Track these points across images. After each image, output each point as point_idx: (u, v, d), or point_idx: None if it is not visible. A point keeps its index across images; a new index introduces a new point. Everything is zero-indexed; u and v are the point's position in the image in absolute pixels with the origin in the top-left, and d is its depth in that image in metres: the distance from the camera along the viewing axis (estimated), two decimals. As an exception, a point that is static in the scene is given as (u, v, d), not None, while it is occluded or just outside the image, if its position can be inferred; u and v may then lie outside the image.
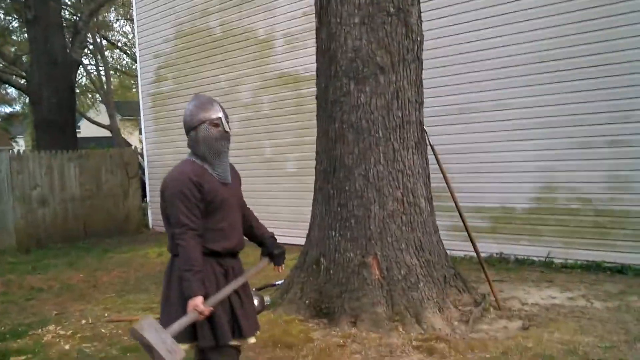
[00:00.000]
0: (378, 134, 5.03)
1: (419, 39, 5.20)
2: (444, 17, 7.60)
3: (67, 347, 5.07)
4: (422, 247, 5.11)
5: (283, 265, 3.47)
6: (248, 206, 3.40)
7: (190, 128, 3.08)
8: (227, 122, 3.12)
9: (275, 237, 3.46)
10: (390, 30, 5.00)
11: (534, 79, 6.99)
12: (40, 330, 5.61)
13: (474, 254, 7.28)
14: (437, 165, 5.60)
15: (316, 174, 5.52)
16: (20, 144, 35.63)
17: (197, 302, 2.85)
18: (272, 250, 3.38)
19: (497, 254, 7.30)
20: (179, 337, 2.92)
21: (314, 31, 5.58)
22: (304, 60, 9.31)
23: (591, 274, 6.44)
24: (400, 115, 5.08)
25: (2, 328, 5.72)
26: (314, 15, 8.98)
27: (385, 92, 5.02)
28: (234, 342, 3.10)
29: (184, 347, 2.98)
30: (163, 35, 12.12)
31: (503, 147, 7.28)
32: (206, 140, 3.05)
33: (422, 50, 5.29)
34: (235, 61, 10.54)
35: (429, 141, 5.47)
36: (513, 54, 7.14)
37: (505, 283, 6.23)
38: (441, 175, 5.65)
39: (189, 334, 2.96)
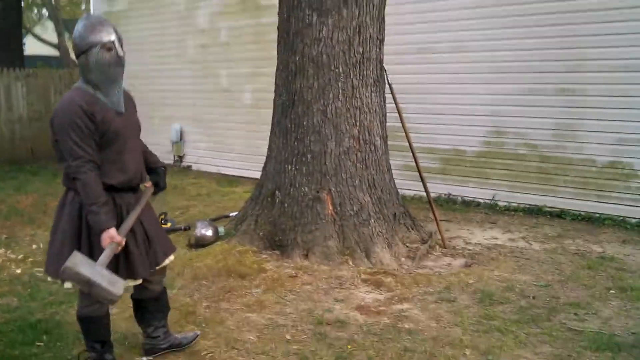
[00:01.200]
0: (338, 69, 5.03)
1: (383, -26, 5.15)
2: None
3: (18, 270, 5.07)
4: (375, 184, 5.23)
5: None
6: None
7: (80, 52, 2.81)
8: (122, 45, 2.88)
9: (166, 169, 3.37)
10: (355, -36, 4.93)
11: (490, 22, 7.01)
12: (-13, 254, 5.56)
13: (423, 193, 7.46)
14: (393, 105, 5.66)
15: (274, 107, 5.51)
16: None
17: (112, 233, 2.79)
18: (159, 181, 3.27)
19: (445, 194, 7.53)
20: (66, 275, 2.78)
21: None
22: (265, -13, 9.09)
23: (532, 218, 6.73)
24: (361, 51, 5.07)
25: (-53, 250, 5.64)
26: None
27: (347, 27, 4.99)
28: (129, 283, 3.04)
29: (69, 284, 2.87)
30: (117, -49, 11.55)
31: (457, 89, 7.37)
32: (98, 66, 2.81)
33: (386, -14, 5.24)
34: (195, -16, 10.18)
35: (388, 80, 5.51)
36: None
37: (452, 223, 6.47)
38: (396, 114, 5.74)
39: None
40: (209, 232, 5.45)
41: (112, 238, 2.80)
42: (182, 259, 5.07)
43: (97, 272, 2.71)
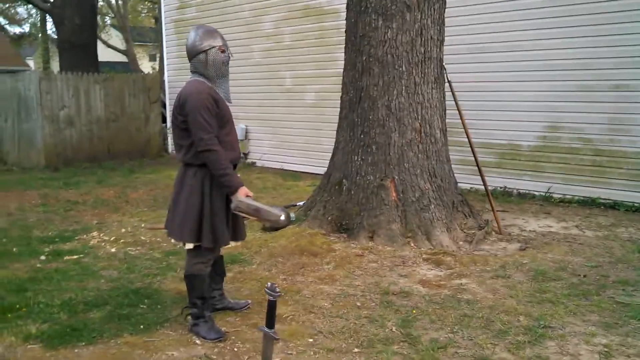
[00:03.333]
0: (402, 68, 5.48)
1: (444, -21, 5.58)
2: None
3: (113, 250, 5.70)
4: (435, 173, 5.65)
5: None
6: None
7: (200, 51, 3.51)
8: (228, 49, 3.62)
9: None
10: (417, -29, 5.38)
11: (546, 22, 7.34)
12: (85, 236, 6.22)
13: (479, 186, 7.84)
14: (452, 101, 6.07)
15: (342, 104, 5.99)
16: (30, 65, 35.71)
17: (246, 189, 3.47)
18: None
19: (501, 187, 7.85)
20: (187, 237, 3.53)
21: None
22: (328, -7, 9.62)
23: (586, 209, 7.00)
24: (422, 51, 5.51)
25: (50, 233, 6.34)
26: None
27: (410, 29, 5.44)
28: (230, 244, 3.75)
29: (190, 245, 3.57)
30: (188, -38, 12.31)
31: (513, 86, 7.70)
32: (215, 63, 3.51)
33: (446, -10, 5.66)
34: (260, -9, 10.80)
35: (447, 77, 5.92)
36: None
37: (507, 213, 6.80)
38: (454, 111, 6.14)
39: (195, 235, 3.52)
40: (282, 217, 5.95)
41: (247, 193, 3.47)
42: (257, 240, 5.63)
43: (259, 204, 3.49)
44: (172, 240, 3.81)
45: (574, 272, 4.69)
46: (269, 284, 2.87)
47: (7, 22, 33.32)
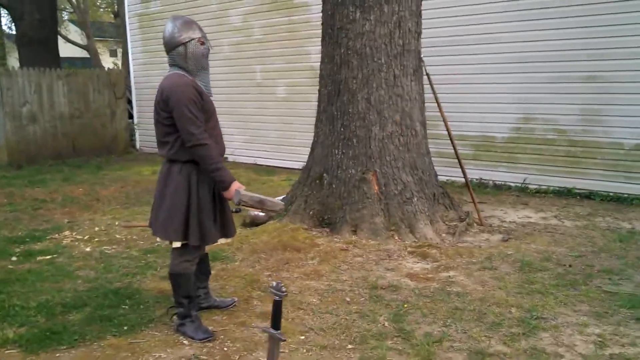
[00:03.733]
0: (380, 61, 5.41)
1: (421, -30, 5.53)
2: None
3: (87, 249, 5.50)
4: (416, 166, 5.61)
5: None
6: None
7: (179, 44, 3.36)
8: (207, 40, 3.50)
9: None
10: (395, -39, 5.31)
11: (518, 14, 7.37)
12: (57, 235, 6.01)
13: (456, 178, 7.90)
14: (430, 94, 6.04)
15: (320, 97, 5.89)
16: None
17: (238, 184, 3.36)
18: None
19: (476, 179, 7.88)
20: (174, 235, 3.41)
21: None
22: (298, -14, 9.49)
23: (562, 199, 7.07)
24: (401, 43, 5.45)
25: (19, 233, 6.09)
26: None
27: (388, 21, 5.37)
28: (220, 242, 3.66)
29: (177, 244, 3.45)
30: (152, -46, 12.02)
31: (486, 79, 7.72)
32: (195, 56, 3.37)
33: (424, -18, 5.62)
34: (228, -16, 10.61)
35: (425, 70, 5.88)
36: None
37: (485, 204, 6.82)
38: (431, 103, 6.11)
39: (182, 233, 3.40)
40: (262, 212, 5.84)
41: (240, 187, 3.35)
42: (238, 236, 5.44)
43: (255, 195, 3.40)
44: (158, 239, 3.67)
45: (559, 262, 4.71)
46: (274, 283, 2.76)
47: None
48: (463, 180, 7.77)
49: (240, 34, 10.54)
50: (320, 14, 5.86)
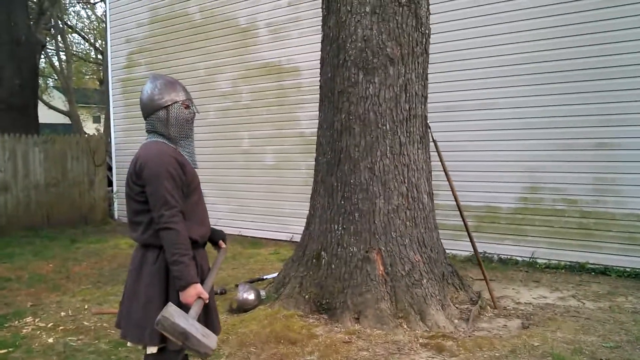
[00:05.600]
0: (385, 127, 4.93)
1: (427, 31, 5.13)
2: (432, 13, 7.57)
3: (50, 340, 4.79)
4: (425, 243, 5.04)
5: None
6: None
7: (160, 107, 2.87)
8: (193, 104, 3.01)
9: None
10: (401, 22, 4.90)
11: (520, 79, 7.03)
12: (17, 322, 5.31)
13: (458, 252, 7.35)
14: (437, 161, 5.55)
15: (317, 166, 5.37)
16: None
17: (200, 288, 2.69)
18: (223, 237, 3.24)
19: (480, 252, 7.28)
20: (149, 338, 2.76)
21: (299, 22, 5.45)
22: (288, 51, 9.17)
23: (575, 275, 6.52)
24: (407, 108, 4.99)
25: (-26, 319, 5.39)
26: (299, 4, 8.91)
27: (394, 84, 4.93)
28: None
29: (154, 349, 2.82)
30: (137, 19, 11.74)
31: (489, 146, 7.30)
32: (178, 121, 2.88)
33: (430, 43, 5.21)
34: (215, 49, 10.27)
35: (432, 136, 5.41)
36: (498, 54, 7.18)
37: (494, 282, 6.24)
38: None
39: (159, 336, 2.71)
40: (251, 296, 5.21)
41: (201, 294, 2.69)
42: (224, 324, 4.82)
43: (192, 324, 2.55)
44: (129, 344, 3.01)
45: (594, 356, 4.09)
46: None
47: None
48: (465, 254, 7.29)
49: (228, 99, 10.13)
50: (312, 78, 5.42)
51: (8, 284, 6.84)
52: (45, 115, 29.21)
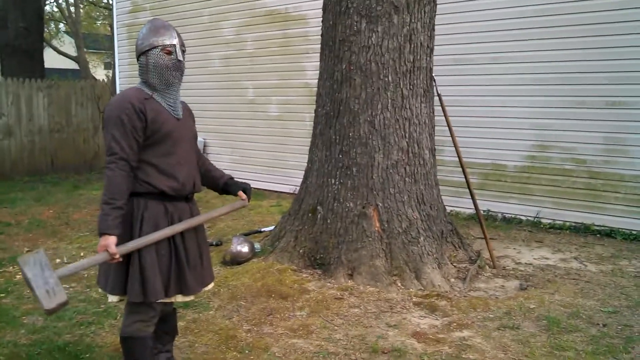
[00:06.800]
0: (387, 79, 4.72)
1: (434, -22, 4.87)
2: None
3: (42, 286, 4.76)
4: (424, 200, 4.91)
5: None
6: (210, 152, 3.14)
7: (140, 52, 2.80)
8: (183, 51, 2.85)
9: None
10: (406, -33, 4.64)
11: (532, 33, 6.71)
12: (11, 268, 5.30)
13: (460, 209, 7.23)
14: (441, 116, 5.36)
15: (316, 118, 5.20)
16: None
17: (110, 242, 2.54)
18: (245, 187, 3.18)
19: (484, 211, 7.16)
20: (110, 287, 2.71)
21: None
22: (295, -2, 8.86)
23: (580, 236, 6.37)
24: (411, 59, 4.77)
25: (-30, 263, 5.37)
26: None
27: (398, 34, 4.70)
28: (169, 299, 2.82)
29: (114, 298, 2.79)
30: (142, -38, 11.39)
31: (497, 101, 7.05)
32: (157, 68, 2.76)
33: (437, -9, 4.95)
34: (220, -5, 9.96)
35: (437, 90, 5.20)
36: (509, 5, 6.85)
37: (496, 241, 6.12)
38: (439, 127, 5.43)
39: (121, 285, 2.69)
40: (245, 249, 5.14)
41: (107, 247, 2.54)
42: (217, 276, 4.75)
43: (43, 277, 2.43)
44: (99, 290, 2.93)
45: (591, 321, 3.99)
46: None
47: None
48: (468, 211, 7.15)
49: (232, 47, 9.86)
50: (319, 27, 5.19)
51: (7, 228, 6.84)
52: (55, 60, 29.02)
